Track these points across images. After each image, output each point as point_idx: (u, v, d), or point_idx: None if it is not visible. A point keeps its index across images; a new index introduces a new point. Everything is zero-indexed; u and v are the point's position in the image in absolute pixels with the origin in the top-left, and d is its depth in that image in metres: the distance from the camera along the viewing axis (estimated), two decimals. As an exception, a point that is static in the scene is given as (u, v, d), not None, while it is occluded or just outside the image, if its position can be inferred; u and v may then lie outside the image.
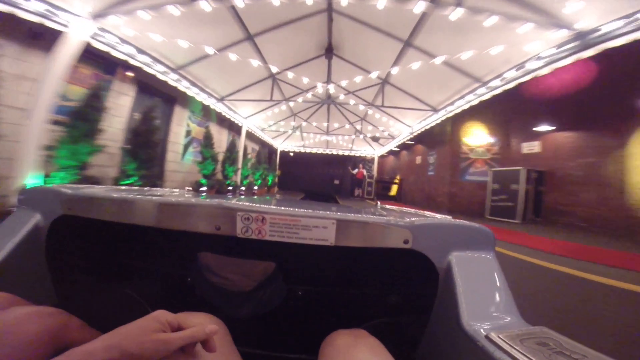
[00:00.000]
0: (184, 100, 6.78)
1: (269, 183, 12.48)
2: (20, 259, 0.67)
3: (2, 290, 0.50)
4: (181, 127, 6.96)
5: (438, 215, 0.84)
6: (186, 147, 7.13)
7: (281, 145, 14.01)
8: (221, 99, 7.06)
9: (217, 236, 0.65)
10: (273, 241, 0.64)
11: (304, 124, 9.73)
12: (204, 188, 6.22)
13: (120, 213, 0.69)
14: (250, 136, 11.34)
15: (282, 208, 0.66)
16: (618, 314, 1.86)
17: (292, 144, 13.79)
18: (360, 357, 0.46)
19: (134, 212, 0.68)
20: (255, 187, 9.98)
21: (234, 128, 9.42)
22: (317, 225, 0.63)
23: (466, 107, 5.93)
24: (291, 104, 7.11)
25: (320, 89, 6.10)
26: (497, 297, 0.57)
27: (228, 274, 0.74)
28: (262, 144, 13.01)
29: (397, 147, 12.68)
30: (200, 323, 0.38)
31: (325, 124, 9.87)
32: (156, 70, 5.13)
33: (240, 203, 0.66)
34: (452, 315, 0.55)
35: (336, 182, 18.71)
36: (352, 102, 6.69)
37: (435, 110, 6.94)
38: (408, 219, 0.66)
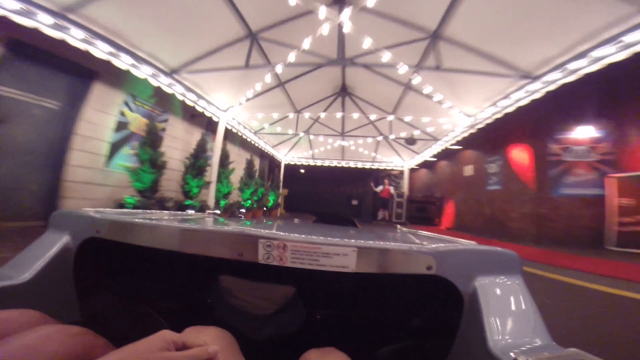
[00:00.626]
0: (113, 76, 4.26)
1: (270, 204, 9.66)
2: (49, 278, 0.71)
3: (31, 308, 0.52)
4: (107, 115, 4.38)
5: (462, 240, 0.84)
6: (117, 146, 4.51)
7: (286, 157, 11.29)
8: (171, 73, 4.49)
9: (238, 260, 0.67)
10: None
11: (307, 115, 6.95)
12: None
13: (146, 237, 0.72)
14: (244, 144, 8.76)
15: (303, 235, 0.67)
16: None
17: (299, 155, 11.03)
18: None
19: (160, 236, 0.72)
20: (243, 210, 7.16)
21: (214, 128, 6.80)
22: (338, 252, 0.63)
23: (621, 56, 2.89)
24: (279, 68, 4.38)
25: (325, 27, 3.34)
26: (526, 321, 0.56)
27: (248, 297, 0.74)
28: (262, 154, 10.37)
29: (434, 156, 9.64)
30: (205, 342, 0.39)
31: (339, 115, 7.03)
32: (5, 8, 2.65)
33: (262, 230, 0.68)
34: (478, 339, 0.54)
35: (354, 202, 15.58)
36: (385, 55, 3.83)
37: (530, 77, 3.93)
38: (431, 245, 0.66)
